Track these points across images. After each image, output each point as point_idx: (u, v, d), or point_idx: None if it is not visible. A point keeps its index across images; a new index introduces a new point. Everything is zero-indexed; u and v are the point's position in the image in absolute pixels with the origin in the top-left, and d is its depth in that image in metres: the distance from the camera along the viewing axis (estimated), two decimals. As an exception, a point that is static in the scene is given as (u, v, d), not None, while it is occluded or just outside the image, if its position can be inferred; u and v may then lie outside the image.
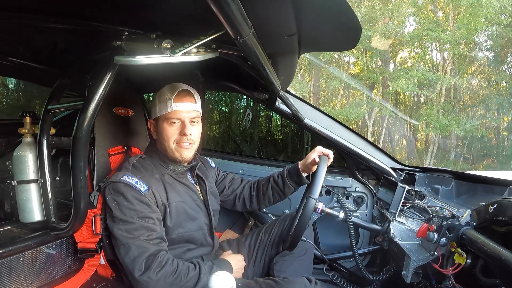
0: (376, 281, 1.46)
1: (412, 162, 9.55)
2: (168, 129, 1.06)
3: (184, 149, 1.08)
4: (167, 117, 1.05)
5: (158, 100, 1.07)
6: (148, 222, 0.96)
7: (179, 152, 1.08)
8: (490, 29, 8.93)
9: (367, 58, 10.11)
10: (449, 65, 9.61)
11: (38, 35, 1.02)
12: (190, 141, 1.08)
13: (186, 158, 1.10)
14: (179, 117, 1.06)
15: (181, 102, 1.05)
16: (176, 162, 1.11)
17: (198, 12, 0.73)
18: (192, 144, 1.09)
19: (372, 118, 10.02)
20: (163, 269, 0.91)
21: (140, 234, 0.94)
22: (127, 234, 0.94)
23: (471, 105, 10.06)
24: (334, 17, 0.78)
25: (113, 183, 1.00)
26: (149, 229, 0.95)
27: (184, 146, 1.07)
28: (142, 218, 0.96)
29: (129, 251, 0.93)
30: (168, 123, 1.06)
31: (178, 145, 1.07)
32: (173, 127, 1.06)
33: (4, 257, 0.95)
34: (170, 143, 1.07)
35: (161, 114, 1.06)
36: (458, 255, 0.98)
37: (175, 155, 1.08)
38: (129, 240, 0.93)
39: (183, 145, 1.07)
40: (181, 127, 1.06)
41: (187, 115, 1.06)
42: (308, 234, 1.23)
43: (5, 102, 4.32)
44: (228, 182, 1.35)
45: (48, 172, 1.09)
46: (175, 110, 1.04)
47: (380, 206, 1.53)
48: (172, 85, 1.08)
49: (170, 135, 1.06)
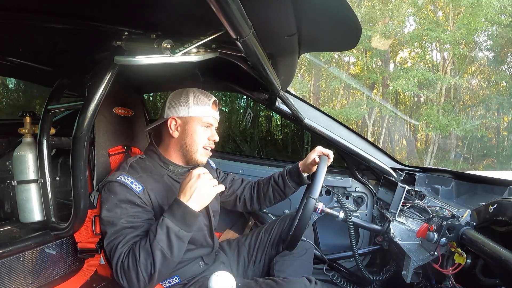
0: (376, 281, 1.46)
1: (412, 162, 9.55)
2: (201, 132, 1.09)
3: (206, 155, 1.13)
4: (204, 120, 1.09)
5: (193, 101, 1.08)
6: (135, 222, 0.95)
7: (202, 156, 1.12)
8: (490, 29, 8.94)
9: (367, 58, 10.12)
10: (449, 65, 9.62)
11: (38, 35, 1.02)
12: (213, 147, 1.14)
13: (203, 162, 1.14)
14: (213, 123, 1.12)
15: (215, 110, 1.13)
16: (188, 163, 1.13)
17: (198, 12, 0.73)
18: (211, 150, 1.15)
19: (372, 118, 10.02)
20: (129, 265, 0.87)
21: (122, 234, 0.92)
22: (112, 237, 0.93)
23: (471, 105, 10.06)
24: (334, 17, 0.78)
25: (109, 183, 1.00)
26: (134, 228, 0.94)
27: (208, 152, 1.13)
28: (131, 217, 0.95)
29: (111, 253, 0.92)
30: (203, 125, 1.09)
31: (204, 149, 1.11)
32: (206, 131, 1.11)
33: (4, 257, 0.95)
34: (198, 145, 1.10)
35: (196, 116, 1.08)
36: (458, 255, 0.98)
37: (197, 158, 1.11)
38: (113, 242, 0.92)
39: (208, 151, 1.12)
40: (212, 133, 1.12)
41: (216, 123, 1.14)
42: (308, 234, 1.23)
43: (5, 102, 4.33)
44: (228, 183, 1.35)
45: (48, 172, 1.09)
46: (211, 116, 1.10)
47: (380, 206, 1.53)
48: (205, 92, 1.13)
49: (201, 137, 1.10)
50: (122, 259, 0.89)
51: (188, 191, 0.90)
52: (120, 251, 0.90)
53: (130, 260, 0.88)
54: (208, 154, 1.14)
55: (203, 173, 0.93)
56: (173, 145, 1.11)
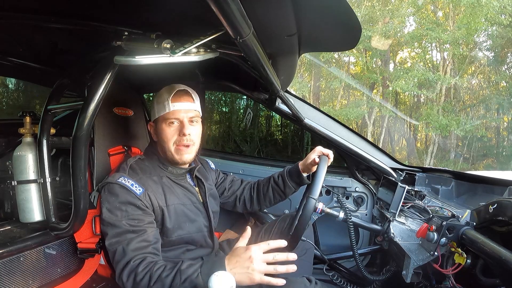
0: (376, 281, 1.46)
1: (412, 162, 9.55)
2: (167, 130, 1.04)
3: (183, 152, 1.06)
4: (165, 118, 1.04)
5: (156, 101, 1.06)
6: (138, 225, 0.95)
7: (179, 154, 1.06)
8: (490, 29, 8.94)
9: (367, 58, 10.12)
10: (449, 65, 9.62)
11: (38, 35, 1.02)
12: (190, 142, 1.06)
13: (186, 160, 1.08)
14: (178, 117, 1.04)
15: (179, 102, 1.04)
16: (175, 164, 1.10)
17: (198, 12, 0.73)
18: (192, 145, 1.07)
19: (372, 118, 10.03)
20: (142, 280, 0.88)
21: (126, 238, 0.93)
22: (114, 239, 0.93)
23: (471, 105, 10.07)
24: (334, 17, 0.78)
25: (109, 184, 1.00)
26: (136, 232, 0.94)
27: (183, 148, 1.06)
28: (132, 220, 0.95)
29: (114, 255, 0.93)
30: (166, 123, 1.04)
31: (177, 147, 1.05)
32: (172, 127, 1.04)
33: (4, 257, 0.95)
34: (169, 145, 1.05)
35: (160, 115, 1.05)
36: (458, 255, 0.98)
37: (174, 158, 1.07)
38: (116, 244, 0.93)
39: (182, 147, 1.05)
40: (179, 127, 1.05)
41: (186, 115, 1.05)
42: (308, 234, 1.23)
43: (5, 102, 4.33)
44: (228, 184, 1.35)
45: (48, 172, 1.09)
46: (173, 110, 1.03)
47: (380, 206, 1.53)
48: (170, 86, 1.08)
49: (169, 136, 1.05)
50: (133, 267, 0.89)
51: (233, 263, 0.84)
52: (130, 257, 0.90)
53: (143, 279, 0.87)
54: (184, 151, 1.06)
55: (258, 255, 0.84)
56: (159, 148, 1.11)
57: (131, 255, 0.90)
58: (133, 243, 0.92)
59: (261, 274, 0.83)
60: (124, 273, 0.89)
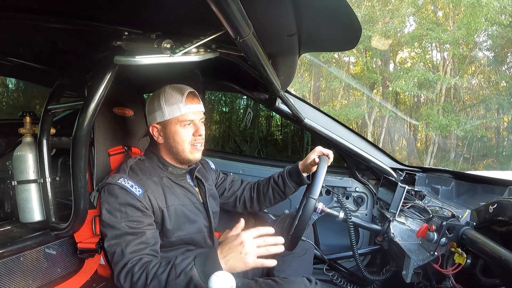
0: (376, 281, 1.46)
1: (412, 162, 9.55)
2: (182, 132, 1.06)
3: (197, 151, 1.10)
4: (180, 120, 1.05)
5: (165, 103, 1.05)
6: (137, 227, 0.95)
7: (193, 153, 1.09)
8: (490, 29, 8.94)
9: (367, 58, 10.12)
10: (449, 65, 9.62)
11: (38, 35, 1.02)
12: (202, 141, 1.11)
13: (198, 158, 1.12)
14: (192, 119, 1.06)
15: (192, 104, 1.06)
16: (185, 164, 1.12)
17: (198, 12, 0.73)
18: (203, 144, 1.11)
19: (372, 118, 10.03)
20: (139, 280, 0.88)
21: (125, 240, 0.93)
22: (113, 241, 0.93)
23: (471, 105, 10.07)
24: (334, 17, 0.78)
25: (108, 185, 1.00)
26: (135, 234, 0.94)
27: (197, 147, 1.09)
28: (131, 222, 0.95)
29: (113, 256, 0.93)
30: (182, 125, 1.06)
31: (192, 147, 1.08)
32: (187, 128, 1.07)
33: (4, 257, 0.95)
34: (185, 146, 1.07)
35: (172, 117, 1.05)
36: (458, 255, 0.98)
37: (189, 157, 1.09)
38: (115, 246, 0.93)
39: (196, 147, 1.09)
40: (194, 128, 1.08)
41: (198, 117, 1.08)
42: (308, 234, 1.23)
43: (5, 102, 4.33)
44: (228, 184, 1.35)
45: (48, 172, 1.09)
46: (187, 112, 1.05)
47: (380, 206, 1.53)
48: (176, 87, 1.07)
49: (185, 137, 1.06)
50: (130, 268, 0.89)
51: (225, 251, 0.85)
52: (127, 259, 0.90)
53: (140, 278, 0.87)
54: (198, 150, 1.10)
55: (249, 239, 0.84)
56: (163, 149, 1.11)
57: (128, 257, 0.91)
58: (131, 245, 0.92)
59: (254, 257, 0.84)
60: (122, 275, 0.90)
